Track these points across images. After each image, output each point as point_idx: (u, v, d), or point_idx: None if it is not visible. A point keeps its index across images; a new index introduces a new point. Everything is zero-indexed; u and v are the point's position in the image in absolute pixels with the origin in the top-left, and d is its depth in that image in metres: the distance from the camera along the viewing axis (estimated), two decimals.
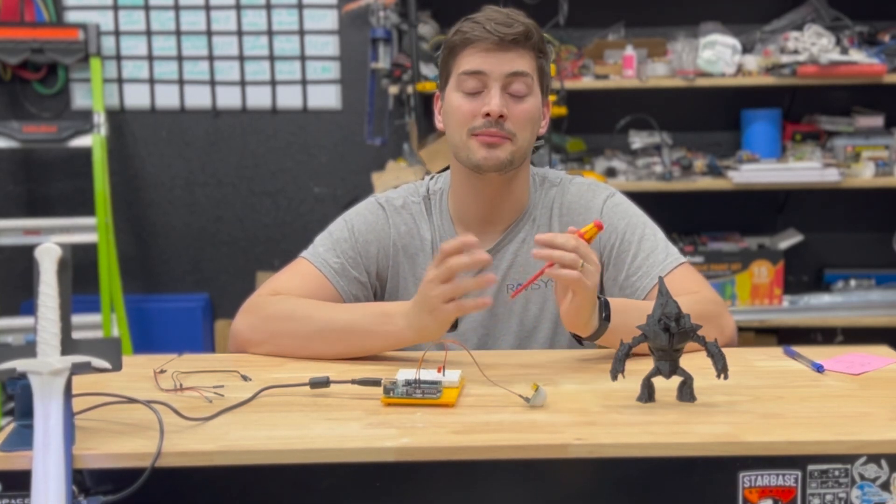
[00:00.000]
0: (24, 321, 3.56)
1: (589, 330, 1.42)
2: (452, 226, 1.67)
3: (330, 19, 3.82)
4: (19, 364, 1.07)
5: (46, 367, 1.07)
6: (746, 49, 3.51)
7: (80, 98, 3.85)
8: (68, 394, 1.08)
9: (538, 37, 1.59)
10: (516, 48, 1.56)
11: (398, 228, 1.67)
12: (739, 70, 3.42)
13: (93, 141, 3.61)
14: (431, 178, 1.74)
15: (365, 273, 1.65)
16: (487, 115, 1.54)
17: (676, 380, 1.23)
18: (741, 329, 3.33)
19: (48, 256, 1.08)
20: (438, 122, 1.67)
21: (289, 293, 1.58)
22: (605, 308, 1.42)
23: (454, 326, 1.63)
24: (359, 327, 1.48)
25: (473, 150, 1.57)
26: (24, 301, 3.79)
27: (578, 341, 1.48)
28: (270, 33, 3.84)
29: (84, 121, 3.71)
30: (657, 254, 1.62)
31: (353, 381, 1.29)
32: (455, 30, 1.60)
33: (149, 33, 3.84)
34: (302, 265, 1.64)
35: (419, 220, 1.68)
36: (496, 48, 1.55)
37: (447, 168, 1.72)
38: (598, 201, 1.67)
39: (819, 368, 1.39)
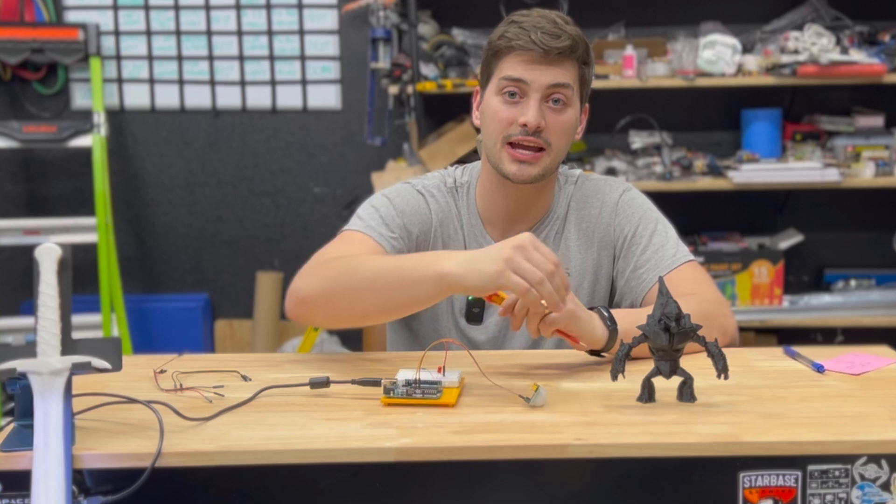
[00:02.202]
0: (24, 321, 3.56)
1: (603, 341, 1.39)
2: (480, 221, 1.68)
3: (330, 19, 3.82)
4: (19, 364, 1.07)
5: (46, 367, 1.07)
6: (746, 49, 3.50)
7: (79, 98, 3.85)
8: (68, 394, 1.08)
9: (584, 48, 1.56)
10: (560, 61, 1.53)
11: (438, 216, 1.66)
12: (739, 70, 3.42)
13: (93, 141, 3.61)
14: (457, 170, 1.72)
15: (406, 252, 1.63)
16: (524, 125, 1.53)
17: (676, 380, 1.22)
18: (741, 329, 3.33)
19: (48, 256, 1.08)
20: (475, 119, 1.66)
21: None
22: (603, 315, 1.40)
23: (480, 320, 1.62)
24: (406, 267, 1.37)
25: (505, 162, 1.56)
26: (24, 301, 3.79)
27: (597, 353, 1.44)
28: (270, 33, 3.84)
29: (84, 121, 3.71)
30: (666, 249, 1.64)
31: (353, 381, 1.29)
32: (501, 33, 1.56)
33: (149, 33, 3.84)
34: (354, 236, 1.57)
35: (451, 210, 1.68)
36: (540, 59, 1.52)
37: (468, 157, 1.70)
38: (615, 195, 1.69)
39: (819, 368, 1.39)
